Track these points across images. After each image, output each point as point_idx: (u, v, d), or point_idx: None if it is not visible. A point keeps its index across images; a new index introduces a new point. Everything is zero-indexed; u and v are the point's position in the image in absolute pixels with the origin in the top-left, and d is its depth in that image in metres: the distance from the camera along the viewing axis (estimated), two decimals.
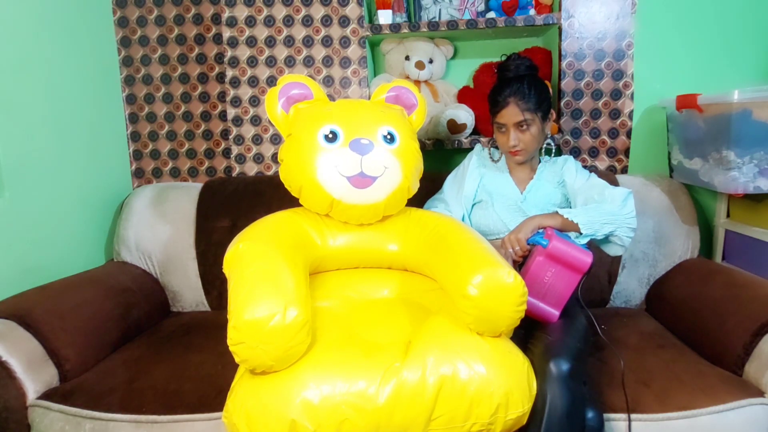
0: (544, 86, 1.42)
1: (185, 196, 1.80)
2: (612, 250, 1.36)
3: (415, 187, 1.31)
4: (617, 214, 1.28)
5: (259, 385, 0.95)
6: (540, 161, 1.52)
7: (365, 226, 1.29)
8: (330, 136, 1.20)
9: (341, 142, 1.20)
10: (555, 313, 1.23)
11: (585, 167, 1.54)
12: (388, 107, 1.35)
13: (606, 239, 1.33)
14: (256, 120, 1.91)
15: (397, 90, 1.41)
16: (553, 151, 1.52)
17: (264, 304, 0.92)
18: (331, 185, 1.19)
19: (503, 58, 1.47)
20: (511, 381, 0.99)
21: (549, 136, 1.49)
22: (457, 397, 0.96)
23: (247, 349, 0.91)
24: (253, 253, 1.06)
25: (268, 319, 0.91)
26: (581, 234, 1.26)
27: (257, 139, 1.92)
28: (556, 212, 1.30)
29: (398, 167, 1.23)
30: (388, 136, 1.24)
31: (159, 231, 1.74)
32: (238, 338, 0.91)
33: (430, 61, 1.89)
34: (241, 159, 1.94)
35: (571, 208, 1.41)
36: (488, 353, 1.00)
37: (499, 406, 0.97)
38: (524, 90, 1.37)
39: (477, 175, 1.50)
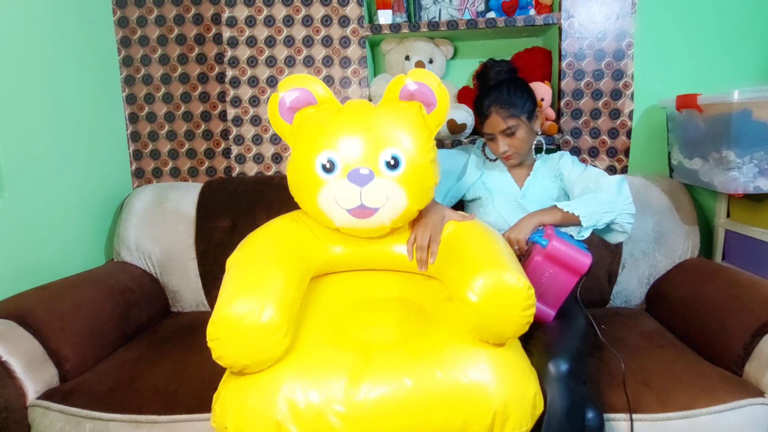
0: (524, 86, 1.42)
1: (185, 196, 1.80)
2: (614, 238, 1.35)
3: (425, 202, 1.20)
4: (614, 201, 1.28)
5: (245, 387, 0.94)
6: (536, 158, 1.53)
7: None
8: (327, 166, 1.11)
9: (339, 173, 1.10)
10: (551, 312, 1.23)
11: None
12: (400, 113, 1.18)
13: (607, 228, 1.32)
14: (256, 120, 1.91)
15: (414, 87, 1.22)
16: (544, 148, 1.51)
17: (241, 302, 0.91)
18: (332, 215, 1.14)
19: (481, 62, 1.47)
20: (509, 397, 0.94)
21: (539, 132, 1.49)
22: (452, 409, 0.93)
23: (222, 346, 0.91)
24: (248, 256, 1.06)
25: (244, 316, 0.90)
26: (583, 226, 1.26)
27: (257, 139, 1.92)
28: (555, 206, 1.30)
29: (402, 195, 1.12)
30: (392, 161, 1.10)
31: (159, 231, 1.74)
32: (214, 333, 0.92)
33: (430, 61, 1.89)
34: (241, 159, 1.94)
35: (568, 200, 1.40)
36: (490, 365, 0.96)
37: (494, 421, 0.93)
38: (503, 97, 1.37)
39: (476, 171, 1.52)
